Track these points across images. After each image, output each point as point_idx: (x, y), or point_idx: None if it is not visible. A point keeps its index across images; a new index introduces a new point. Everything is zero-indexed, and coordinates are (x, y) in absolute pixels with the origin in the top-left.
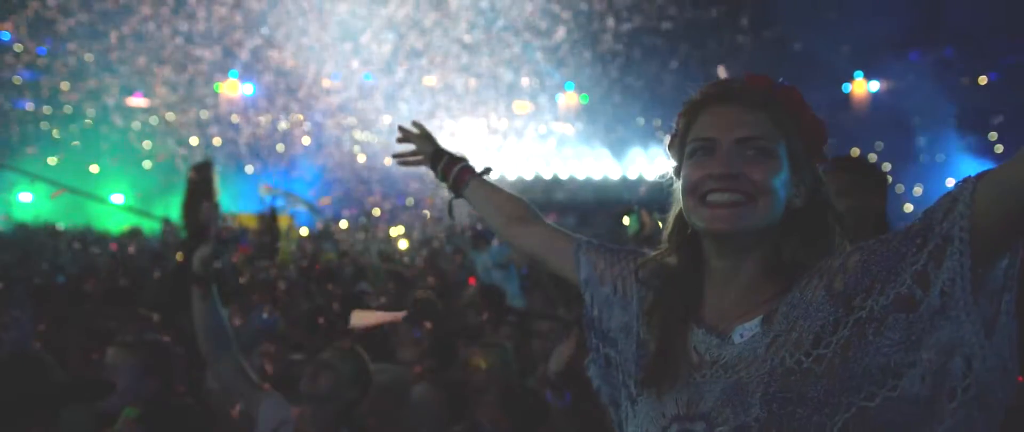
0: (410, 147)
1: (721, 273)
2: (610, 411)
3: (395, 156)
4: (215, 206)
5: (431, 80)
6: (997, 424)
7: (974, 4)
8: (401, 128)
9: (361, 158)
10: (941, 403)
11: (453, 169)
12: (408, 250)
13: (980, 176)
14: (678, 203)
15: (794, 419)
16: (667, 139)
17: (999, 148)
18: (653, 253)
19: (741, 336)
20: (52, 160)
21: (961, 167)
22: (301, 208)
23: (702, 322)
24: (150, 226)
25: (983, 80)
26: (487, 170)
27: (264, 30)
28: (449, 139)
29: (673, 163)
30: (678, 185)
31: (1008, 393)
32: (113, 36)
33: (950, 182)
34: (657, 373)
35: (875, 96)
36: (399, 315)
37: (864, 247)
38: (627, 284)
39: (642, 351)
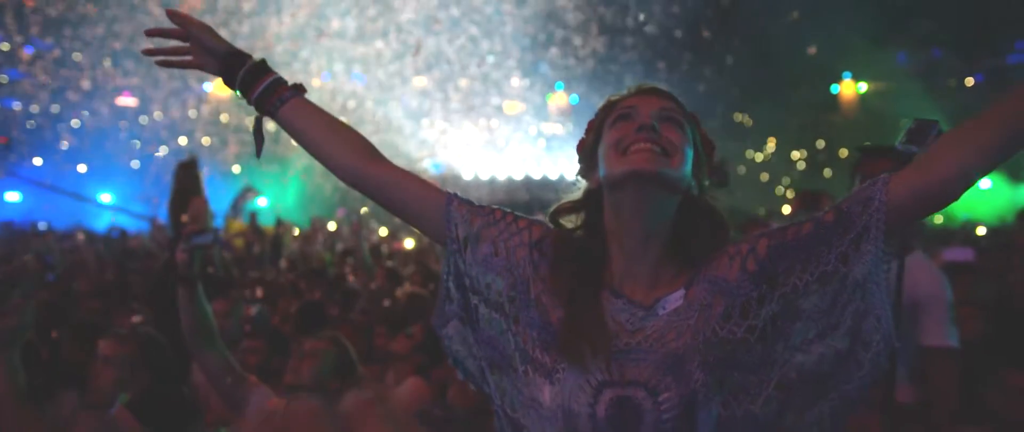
0: (173, 44)
1: (631, 247)
2: (476, 376)
3: (147, 52)
4: (205, 201)
5: (421, 81)
6: None
7: (961, 6)
8: (170, 12)
9: None
10: (857, 354)
11: (262, 81)
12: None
13: (890, 178)
14: (585, 185)
15: (733, 381)
16: (579, 144)
17: None
18: (555, 225)
19: (664, 308)
20: (37, 161)
21: None
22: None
23: (619, 293)
24: (139, 226)
25: (970, 82)
26: (302, 87)
27: (253, 30)
28: (440, 139)
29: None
30: (584, 185)
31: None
32: (101, 35)
33: None
34: (577, 340)
35: (863, 97)
36: None
37: (771, 234)
38: (511, 248)
39: (545, 318)
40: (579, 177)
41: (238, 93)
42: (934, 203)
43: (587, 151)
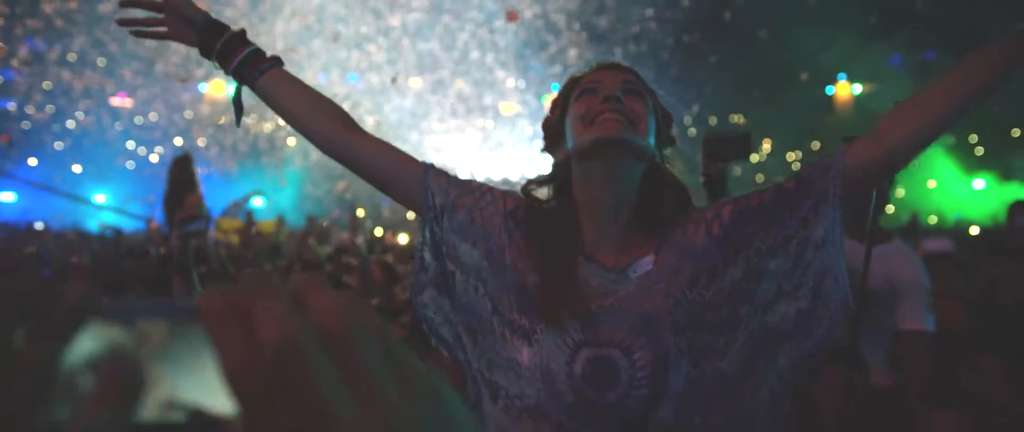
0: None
1: (600, 215)
2: (450, 342)
3: (121, 22)
4: (200, 196)
5: (417, 82)
6: None
7: (956, 8)
8: None
9: None
10: (817, 312)
11: (241, 52)
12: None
13: (847, 146)
14: (555, 156)
15: (702, 341)
16: (544, 121)
17: (979, 150)
18: (527, 198)
19: (635, 272)
20: (33, 161)
21: (942, 169)
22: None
23: (592, 259)
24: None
25: None
26: (280, 59)
27: (251, 30)
28: (435, 141)
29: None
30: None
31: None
32: (95, 35)
33: (932, 184)
34: (554, 303)
35: (858, 99)
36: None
37: (734, 201)
38: (487, 216)
39: (522, 282)
40: (545, 153)
41: (215, 64)
42: (887, 169)
43: (553, 127)
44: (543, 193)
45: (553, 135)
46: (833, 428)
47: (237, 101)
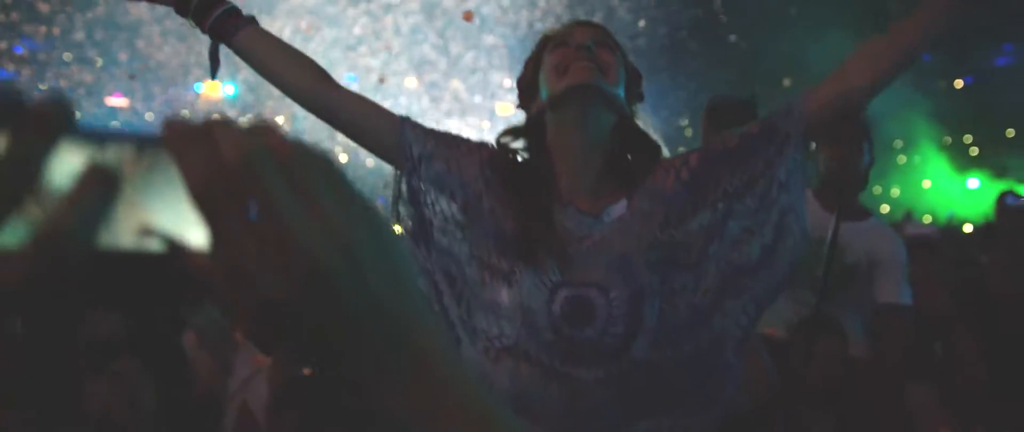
0: None
1: (574, 162)
2: (426, 293)
3: None
4: None
5: (412, 81)
6: None
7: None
8: None
9: (343, 158)
10: (779, 247)
11: (217, 8)
12: None
13: (810, 90)
14: (529, 109)
15: (674, 279)
16: (519, 79)
17: (974, 150)
18: (503, 145)
19: (609, 216)
20: None
21: (937, 169)
22: None
23: (569, 203)
24: None
25: (959, 83)
26: (255, 18)
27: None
28: None
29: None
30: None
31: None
32: (93, 35)
33: (927, 184)
34: (532, 245)
35: None
36: None
37: (702, 148)
38: (463, 165)
39: (500, 227)
40: (519, 109)
41: (191, 22)
42: (847, 108)
43: (526, 83)
44: (519, 145)
45: (527, 91)
46: (815, 396)
47: (213, 55)
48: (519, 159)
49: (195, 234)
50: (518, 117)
